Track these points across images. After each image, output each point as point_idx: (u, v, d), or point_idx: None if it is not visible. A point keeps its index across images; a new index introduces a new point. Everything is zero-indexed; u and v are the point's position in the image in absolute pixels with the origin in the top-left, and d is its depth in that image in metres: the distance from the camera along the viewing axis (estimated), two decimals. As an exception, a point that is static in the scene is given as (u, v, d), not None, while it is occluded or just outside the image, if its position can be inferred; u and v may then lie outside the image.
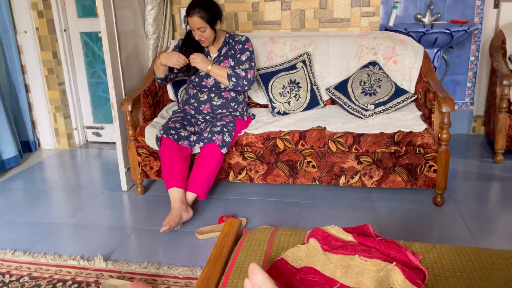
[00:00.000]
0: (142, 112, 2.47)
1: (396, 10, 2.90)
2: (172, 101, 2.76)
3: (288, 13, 2.84)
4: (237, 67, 2.24)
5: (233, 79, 2.20)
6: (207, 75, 2.27)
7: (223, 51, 2.30)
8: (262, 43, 2.68)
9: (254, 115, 2.52)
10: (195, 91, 2.30)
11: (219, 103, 2.29)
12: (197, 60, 2.18)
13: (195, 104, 2.30)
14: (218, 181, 2.40)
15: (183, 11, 2.90)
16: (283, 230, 1.23)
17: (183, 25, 2.97)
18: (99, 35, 2.95)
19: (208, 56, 2.31)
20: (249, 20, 2.91)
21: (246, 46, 2.28)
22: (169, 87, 2.71)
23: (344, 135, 2.15)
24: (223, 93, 2.29)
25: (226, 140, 2.11)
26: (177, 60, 2.16)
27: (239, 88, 2.24)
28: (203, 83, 2.28)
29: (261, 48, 2.66)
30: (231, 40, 2.31)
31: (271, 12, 2.86)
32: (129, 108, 2.33)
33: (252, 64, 2.26)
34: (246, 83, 2.22)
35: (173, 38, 2.96)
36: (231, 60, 2.28)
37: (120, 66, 2.45)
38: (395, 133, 2.11)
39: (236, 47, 2.29)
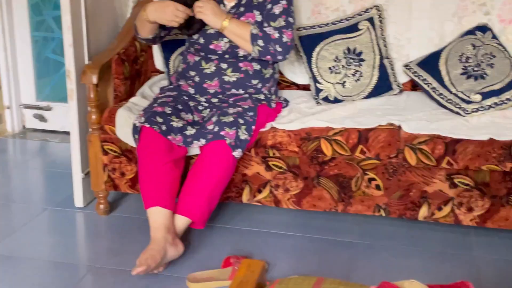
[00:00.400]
0: (114, 87, 2.51)
1: None
2: (160, 72, 2.79)
3: None
4: (266, 24, 2.26)
5: (260, 42, 2.22)
6: (219, 34, 2.29)
7: None
8: (306, -13, 2.68)
9: (287, 101, 2.52)
10: (197, 58, 2.33)
11: (234, 78, 2.30)
12: (205, 9, 2.21)
13: (197, 79, 2.32)
14: (225, 202, 2.41)
15: None
16: (332, 282, 1.23)
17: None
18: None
19: (222, 5, 2.33)
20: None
21: None
22: (156, 50, 2.75)
23: (430, 141, 2.13)
24: (241, 64, 2.31)
25: (242, 137, 2.13)
26: (173, 15, 2.18)
27: (268, 57, 2.25)
28: (211, 47, 2.30)
29: (304, -5, 2.66)
30: None
31: None
32: (95, 79, 2.36)
33: (290, 20, 2.27)
34: (280, 49, 2.24)
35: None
36: (257, 12, 2.29)
37: (83, 13, 2.48)
38: (514, 141, 2.10)
39: None
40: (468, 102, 2.29)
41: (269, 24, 2.24)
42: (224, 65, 2.29)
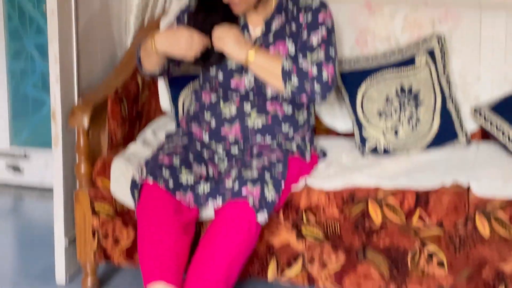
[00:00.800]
0: (109, 132, 2.55)
1: None
2: (166, 113, 2.83)
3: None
4: (301, 56, 2.31)
5: (294, 79, 2.25)
6: (242, 69, 2.34)
7: (274, 25, 2.37)
8: (349, 12, 2.72)
9: (324, 152, 2.55)
10: (214, 98, 2.37)
11: (260, 124, 2.34)
12: (226, 39, 2.26)
13: (213, 124, 2.36)
14: (246, 279, 2.41)
15: None
16: None
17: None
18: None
19: (246, 32, 2.39)
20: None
21: (320, 18, 2.34)
22: (161, 87, 2.81)
23: (508, 206, 2.12)
24: (268, 105, 2.35)
25: (268, 197, 2.13)
26: (189, 45, 2.23)
27: (304, 98, 2.29)
28: (232, 85, 2.35)
29: (346, 22, 2.71)
30: (291, 5, 2.39)
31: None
32: (86, 122, 2.41)
33: (332, 52, 2.31)
34: (318, 89, 2.26)
35: (178, -7, 3.09)
36: (290, 41, 2.35)
37: (74, 41, 2.55)
38: None
39: (300, 18, 2.36)
40: (557, 157, 2.30)
41: (305, 57, 2.29)
42: (247, 107, 2.33)
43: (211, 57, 2.33)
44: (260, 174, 2.14)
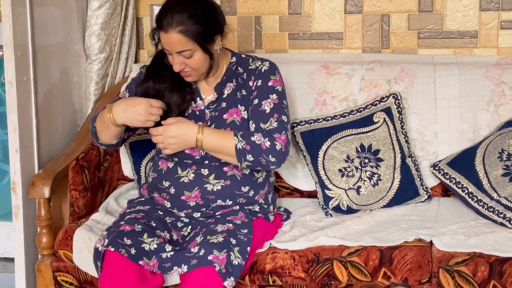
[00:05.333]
0: (70, 202, 2.54)
1: None
2: (129, 180, 2.84)
3: (357, 19, 2.99)
4: (254, 125, 2.31)
5: (249, 156, 2.23)
6: None
7: (226, 91, 2.39)
8: (308, 73, 2.79)
9: (288, 212, 2.56)
10: (171, 164, 2.37)
11: (219, 187, 2.34)
12: (167, 143, 2.23)
13: (172, 190, 2.36)
14: None
15: (158, 10, 3.09)
16: None
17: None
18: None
19: (198, 99, 2.40)
20: (283, 30, 3.05)
21: (270, 83, 2.35)
22: (123, 154, 2.82)
23: (471, 260, 2.14)
24: (226, 168, 2.35)
25: (235, 262, 2.13)
26: (148, 113, 2.22)
27: (260, 168, 2.30)
28: (187, 151, 2.34)
29: (305, 82, 2.77)
30: (241, 69, 2.41)
31: (324, 16, 3.01)
32: (47, 192, 2.40)
33: (284, 119, 2.29)
34: (273, 159, 2.24)
35: (136, 62, 3.11)
36: (243, 108, 2.36)
37: (34, 111, 2.57)
38: None
39: (250, 82, 2.37)
40: (515, 210, 2.34)
41: (259, 126, 2.28)
42: (205, 171, 2.33)
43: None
44: (225, 239, 2.14)
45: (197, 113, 2.36)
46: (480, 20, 2.89)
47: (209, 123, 2.34)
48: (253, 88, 2.34)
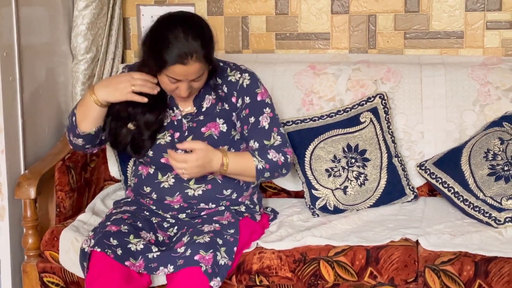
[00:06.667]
0: (57, 202, 2.53)
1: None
2: (116, 180, 2.83)
3: (344, 20, 3.00)
4: (256, 143, 2.31)
5: (267, 174, 2.28)
6: (173, 146, 2.28)
7: (205, 104, 2.34)
8: (295, 73, 2.79)
9: (275, 212, 2.56)
10: (151, 170, 2.36)
11: (200, 192, 2.32)
12: (190, 171, 2.17)
13: (154, 196, 2.35)
14: None
15: (146, 11, 3.08)
16: None
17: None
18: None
19: (175, 110, 2.34)
20: (270, 30, 3.06)
21: (259, 97, 2.33)
22: (110, 155, 2.80)
23: (456, 259, 2.15)
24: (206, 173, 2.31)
25: (221, 262, 2.13)
26: (128, 85, 2.19)
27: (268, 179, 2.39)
28: (163, 161, 2.31)
29: (292, 83, 2.78)
30: (219, 80, 2.37)
31: (311, 17, 3.02)
32: (32, 193, 2.39)
33: (282, 131, 2.36)
34: (285, 171, 2.33)
35: (122, 62, 3.10)
36: (221, 121, 2.32)
37: (19, 112, 2.55)
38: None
39: (233, 99, 2.34)
40: (500, 209, 2.35)
41: (263, 144, 2.30)
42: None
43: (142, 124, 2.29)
44: (211, 239, 2.14)
45: (175, 123, 2.33)
46: (466, 21, 2.91)
47: (186, 134, 2.32)
48: (238, 105, 2.33)
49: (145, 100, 2.21)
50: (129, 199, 2.45)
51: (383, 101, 2.66)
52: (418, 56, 2.89)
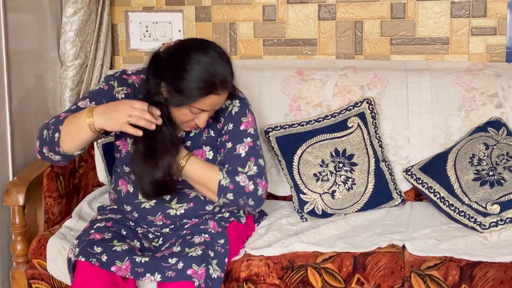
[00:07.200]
0: (45, 208, 2.53)
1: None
2: (102, 185, 2.84)
3: (331, 26, 3.02)
4: (230, 168, 2.18)
5: (230, 195, 2.15)
6: None
7: (193, 129, 2.25)
8: (282, 79, 2.81)
9: (263, 213, 2.56)
10: (131, 188, 2.31)
11: (182, 210, 2.29)
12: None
13: (136, 215, 2.31)
14: None
15: (134, 17, 3.10)
16: None
17: (133, 43, 3.16)
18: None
19: None
20: (258, 36, 3.08)
21: (242, 126, 2.24)
22: (98, 159, 2.81)
23: (442, 264, 2.16)
24: (187, 191, 2.28)
25: (214, 275, 2.10)
26: (125, 115, 1.98)
27: (234, 207, 2.27)
28: None
29: (279, 88, 2.79)
30: None
31: (298, 23, 3.04)
32: (21, 200, 2.39)
33: (261, 162, 2.21)
34: (252, 203, 2.19)
35: (111, 68, 3.11)
36: (208, 148, 2.27)
37: (8, 118, 2.56)
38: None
39: (219, 125, 2.26)
40: (485, 214, 2.36)
41: (237, 173, 2.18)
42: (166, 196, 2.26)
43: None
44: (203, 251, 2.12)
45: None
46: (451, 27, 2.93)
47: None
48: (223, 131, 2.26)
49: (139, 133, 2.02)
50: (114, 207, 2.40)
51: (371, 106, 2.67)
52: (404, 62, 2.91)
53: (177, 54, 2.08)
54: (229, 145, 2.22)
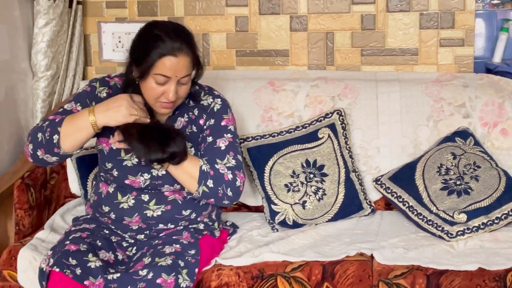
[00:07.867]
0: (16, 220, 2.52)
1: (505, 34, 3.11)
2: (76, 197, 2.83)
3: (302, 37, 3.06)
4: (211, 160, 2.25)
5: (210, 182, 2.22)
6: (139, 168, 2.27)
7: (176, 125, 2.32)
8: (255, 90, 2.83)
9: (235, 227, 2.58)
10: (111, 189, 2.34)
11: (159, 212, 2.31)
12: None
13: (113, 216, 2.33)
14: None
15: (106, 28, 3.10)
16: None
17: (105, 53, 3.16)
18: None
19: None
20: (231, 47, 3.10)
21: (223, 122, 2.32)
22: (70, 170, 2.81)
23: (409, 273, 2.18)
24: (167, 193, 2.32)
25: (183, 285, 2.10)
26: (130, 109, 2.13)
27: (212, 200, 2.27)
28: (127, 181, 2.30)
29: (252, 99, 2.81)
30: (192, 102, 2.35)
31: (271, 34, 3.07)
32: (-9, 211, 2.40)
33: (240, 158, 2.30)
34: (230, 193, 2.24)
35: (83, 79, 3.11)
36: (189, 144, 2.30)
37: (-23, 129, 2.56)
38: (509, 271, 2.15)
39: (201, 121, 2.33)
40: (452, 223, 2.40)
41: (216, 162, 2.26)
42: (145, 197, 2.30)
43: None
44: (173, 261, 2.13)
45: None
46: (420, 38, 2.98)
47: None
48: (205, 127, 2.34)
49: (147, 120, 2.19)
50: (88, 216, 2.42)
51: (341, 117, 2.69)
52: (375, 73, 2.95)
53: (141, 30, 2.24)
54: (209, 139, 2.30)
